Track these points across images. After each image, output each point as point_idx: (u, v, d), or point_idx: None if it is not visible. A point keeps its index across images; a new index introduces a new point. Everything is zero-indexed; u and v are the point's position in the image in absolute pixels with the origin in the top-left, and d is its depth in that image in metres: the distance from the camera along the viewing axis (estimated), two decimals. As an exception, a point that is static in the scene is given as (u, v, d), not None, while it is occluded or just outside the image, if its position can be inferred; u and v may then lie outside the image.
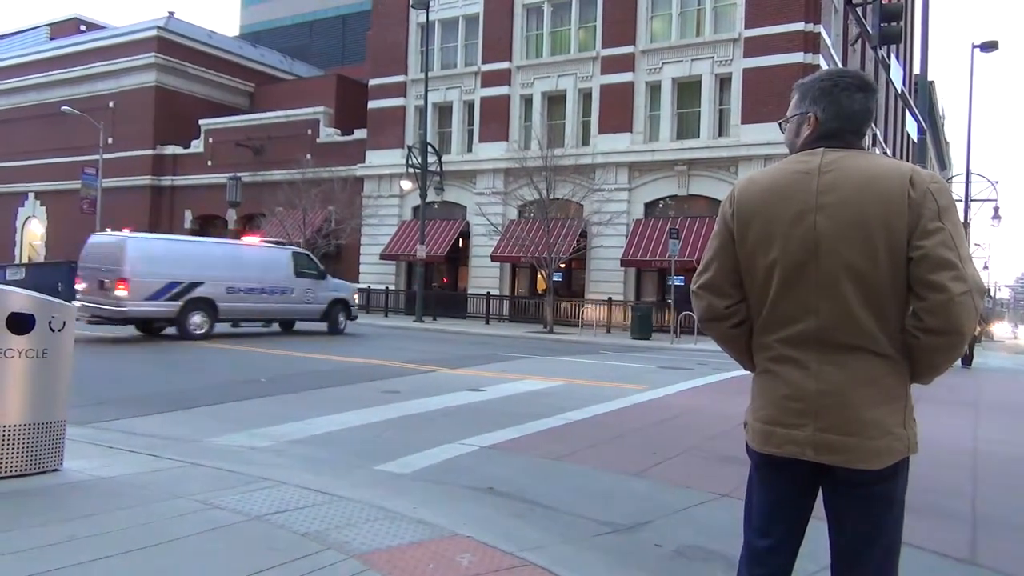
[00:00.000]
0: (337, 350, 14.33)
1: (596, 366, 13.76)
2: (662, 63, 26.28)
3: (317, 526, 3.76)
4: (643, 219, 26.09)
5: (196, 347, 14.37)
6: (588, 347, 18.62)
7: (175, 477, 4.65)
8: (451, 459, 5.79)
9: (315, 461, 5.55)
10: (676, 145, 25.72)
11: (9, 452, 4.33)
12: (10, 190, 43.50)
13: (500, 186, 28.60)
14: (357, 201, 30.87)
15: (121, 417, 6.97)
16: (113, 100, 39.43)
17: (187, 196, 38.05)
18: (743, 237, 2.06)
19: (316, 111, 34.53)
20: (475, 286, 29.11)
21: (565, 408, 8.26)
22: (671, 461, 6.16)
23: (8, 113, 44.14)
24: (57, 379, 4.53)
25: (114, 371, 10.16)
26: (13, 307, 4.33)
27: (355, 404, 8.17)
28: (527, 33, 29.39)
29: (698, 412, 8.80)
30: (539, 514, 4.50)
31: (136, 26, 41.21)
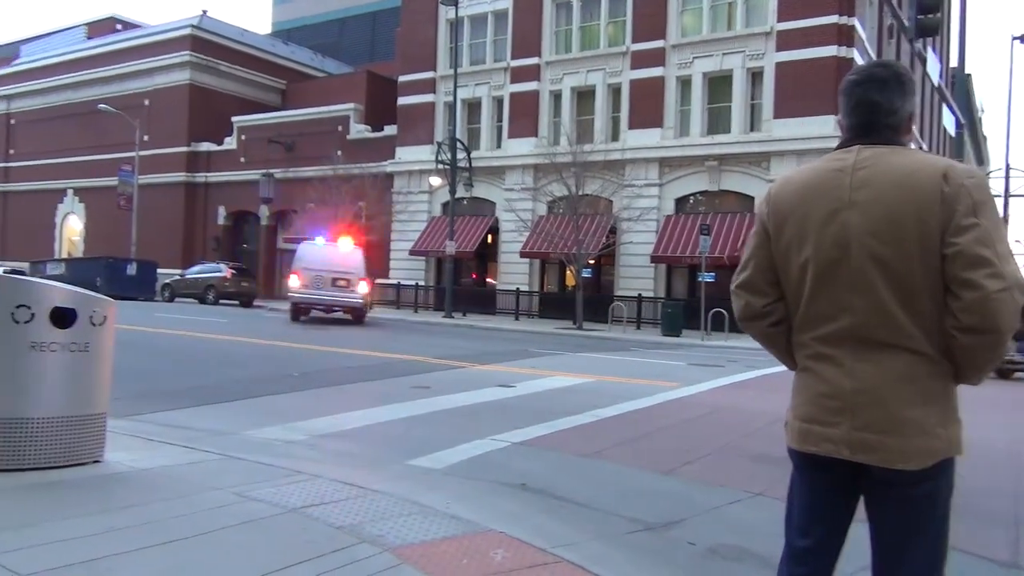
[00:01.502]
0: (367, 345, 14.43)
1: (626, 363, 13.71)
2: (693, 57, 26.04)
3: (351, 519, 3.79)
4: (673, 215, 25.91)
5: (230, 342, 14.57)
6: (618, 343, 18.55)
7: (212, 469, 4.72)
8: (483, 455, 5.80)
9: (348, 455, 5.61)
10: (707, 140, 25.49)
11: (52, 443, 4.42)
12: (50, 187, 44.47)
13: (529, 182, 28.58)
14: (387, 197, 31.07)
15: (159, 410, 7.09)
16: (148, 98, 40.10)
17: (221, 192, 38.58)
18: (778, 236, 2.05)
19: (346, 108, 34.80)
20: (504, 282, 29.14)
21: (596, 405, 8.24)
22: (703, 459, 6.12)
23: (48, 111, 45.12)
24: (98, 372, 4.61)
25: (152, 365, 10.34)
26: (55, 301, 4.42)
27: (386, 399, 8.23)
28: (556, 28, 29.30)
29: (730, 410, 8.72)
30: (571, 511, 4.50)
31: (170, 25, 41.87)
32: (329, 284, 20.61)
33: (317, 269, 20.67)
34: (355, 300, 21.10)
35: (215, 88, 39.70)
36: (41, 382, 4.37)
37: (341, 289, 20.72)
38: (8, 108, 47.44)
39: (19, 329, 4.30)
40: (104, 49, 43.14)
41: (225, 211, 38.55)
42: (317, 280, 20.56)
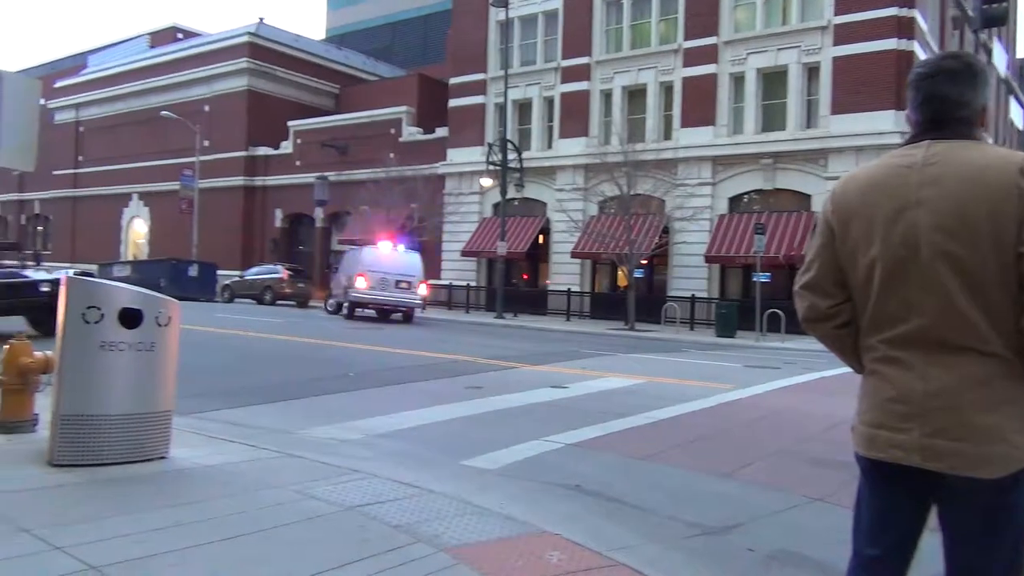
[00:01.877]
0: (420, 345, 14.56)
1: (680, 364, 13.55)
2: (747, 53, 25.60)
3: (407, 519, 3.83)
4: (727, 214, 25.51)
5: (286, 342, 14.87)
6: (671, 345, 18.34)
7: (272, 467, 4.82)
8: (537, 456, 5.80)
9: (403, 455, 5.66)
10: (761, 138, 25.03)
11: (121, 440, 4.57)
12: (116, 192, 46.08)
13: (580, 182, 28.47)
14: (439, 199, 31.31)
15: (220, 408, 7.28)
16: (208, 104, 41.23)
17: (277, 195, 39.42)
18: (843, 235, 1.99)
19: (399, 111, 35.20)
20: (555, 283, 29.09)
21: (649, 407, 8.16)
22: (761, 463, 6.00)
23: (114, 119, 46.76)
24: (163, 371, 4.76)
25: (212, 364, 10.61)
26: (123, 302, 4.57)
27: (439, 399, 8.29)
28: (607, 27, 29.13)
29: (788, 413, 8.54)
30: (626, 513, 4.46)
31: (229, 33, 43.00)
32: (393, 286, 22.35)
33: (383, 272, 22.25)
34: (416, 301, 23.07)
35: (272, 93, 40.59)
36: (110, 381, 4.53)
37: (403, 291, 22.50)
38: (77, 116, 49.30)
39: (90, 329, 4.46)
40: (166, 58, 44.51)
41: (282, 214, 39.37)
42: (383, 282, 22.17)
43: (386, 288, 22.22)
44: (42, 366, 5.33)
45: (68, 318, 4.49)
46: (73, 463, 4.46)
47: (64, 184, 49.47)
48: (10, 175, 48.85)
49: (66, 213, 49.82)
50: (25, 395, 5.46)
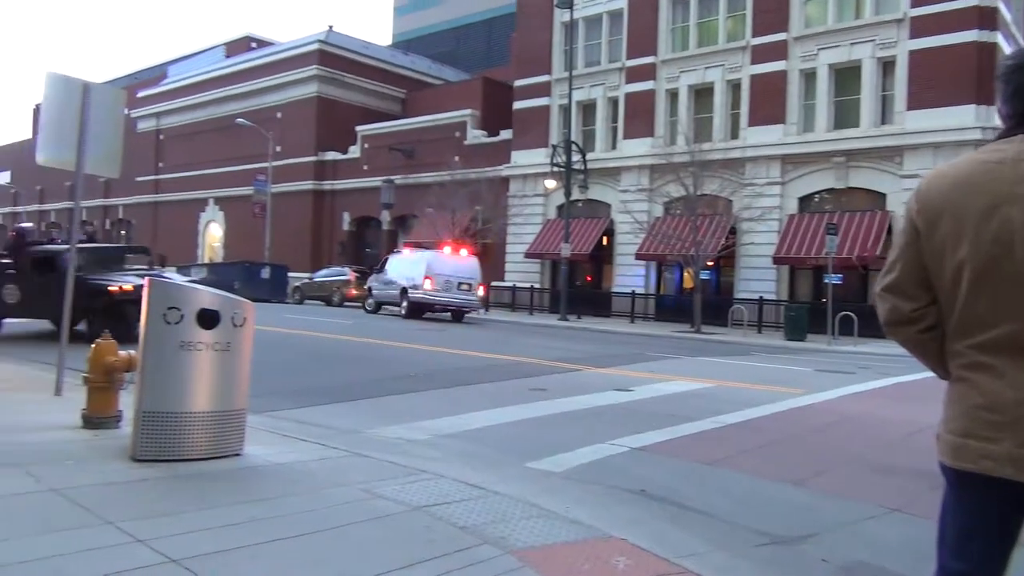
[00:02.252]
0: (484, 347, 14.65)
1: (748, 368, 13.26)
2: (818, 49, 24.93)
3: (474, 520, 3.85)
4: (797, 214, 24.88)
5: (354, 343, 15.16)
6: (738, 348, 17.98)
7: (341, 466, 4.92)
8: (602, 459, 5.76)
9: (468, 456, 5.70)
10: (833, 135, 24.32)
11: (198, 437, 4.74)
12: (193, 197, 47.86)
13: (645, 183, 28.19)
14: (503, 201, 31.46)
15: (291, 407, 7.46)
16: (280, 111, 42.43)
17: (345, 199, 40.27)
18: (929, 235, 1.90)
19: (463, 114, 35.52)
20: (620, 284, 28.87)
21: (717, 411, 8.01)
22: (834, 471, 5.82)
23: (192, 127, 48.60)
24: (238, 370, 4.91)
25: (283, 364, 10.90)
26: (202, 304, 4.74)
27: (504, 401, 8.32)
28: (673, 26, 28.78)
29: (863, 419, 8.26)
30: (694, 520, 4.39)
31: (300, 41, 44.16)
32: (455, 288, 23.94)
33: (448, 275, 23.73)
34: (475, 302, 24.93)
35: (340, 99, 41.49)
36: (189, 379, 4.70)
37: (464, 292, 24.12)
38: (158, 125, 51.38)
39: (170, 329, 4.64)
40: (240, 67, 46.01)
41: (349, 217, 40.19)
42: (447, 284, 23.72)
43: (449, 290, 23.66)
44: (125, 364, 5.57)
45: (150, 319, 4.68)
46: (154, 458, 4.64)
47: (146, 190, 51.61)
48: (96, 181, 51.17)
49: (148, 217, 51.96)
50: (110, 392, 5.72)
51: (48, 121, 7.07)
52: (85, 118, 7.03)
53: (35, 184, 61.51)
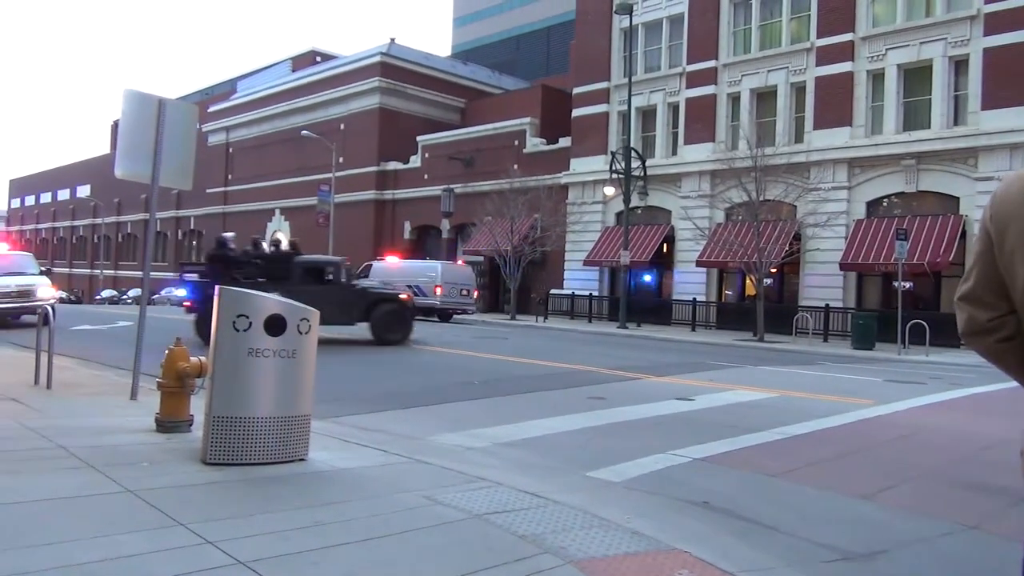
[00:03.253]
0: (542, 355, 14.63)
1: (813, 377, 12.92)
2: (886, 49, 24.19)
3: (533, 529, 3.85)
4: (864, 219, 24.14)
5: (413, 351, 15.34)
6: (803, 357, 17.53)
7: (402, 472, 4.98)
8: (663, 470, 5.68)
9: (527, 464, 5.70)
10: (903, 137, 23.53)
11: (265, 441, 4.87)
12: (260, 207, 49.24)
13: (706, 189, 27.78)
14: (562, 208, 31.41)
15: (353, 413, 7.60)
16: (344, 123, 43.34)
17: (406, 208, 40.82)
18: (1000, 243, 1.82)
19: (522, 122, 35.64)
20: (680, 292, 28.49)
21: (781, 422, 7.82)
22: (906, 485, 5.62)
23: (259, 139, 50.05)
24: (303, 377, 5.03)
25: (344, 371, 11.10)
26: (269, 311, 4.87)
27: (563, 409, 8.29)
28: (734, 29, 28.34)
29: (936, 431, 7.96)
30: (759, 534, 4.29)
31: (362, 54, 45.06)
32: (458, 294, 27.62)
33: (452, 282, 27.46)
34: (472, 305, 28.65)
35: (401, 110, 42.14)
36: (257, 385, 4.83)
37: (464, 297, 27.98)
38: (227, 138, 53.07)
39: (239, 336, 4.78)
40: (305, 80, 47.19)
41: (410, 225, 40.71)
42: (453, 290, 27.43)
43: (454, 295, 27.47)
44: (197, 370, 5.76)
45: (220, 326, 4.83)
46: (224, 462, 4.79)
47: (216, 201, 53.31)
48: (169, 193, 53.12)
49: (217, 228, 53.56)
50: (182, 397, 5.92)
51: (125, 136, 7.38)
52: (160, 133, 7.31)
53: (113, 197, 64.27)
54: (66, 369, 9.63)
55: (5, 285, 18.08)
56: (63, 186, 76.84)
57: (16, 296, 18.00)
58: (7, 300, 17.87)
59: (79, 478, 4.40)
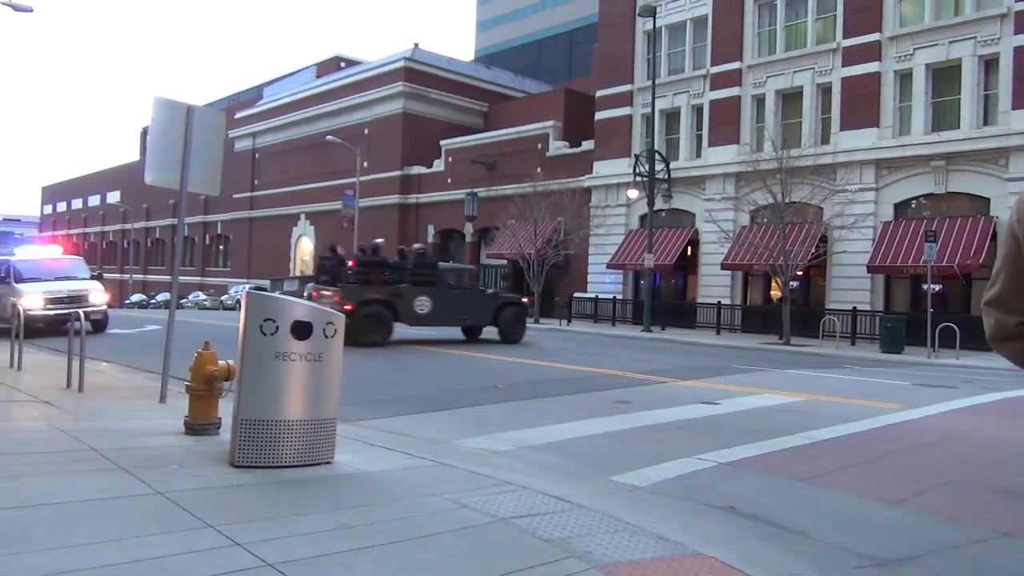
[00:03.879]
0: (565, 359, 14.61)
1: (841, 381, 12.76)
2: (913, 49, 23.86)
3: (559, 533, 3.85)
4: (892, 221, 23.81)
5: (436, 353, 15.38)
6: (830, 360, 17.33)
7: (428, 475, 5.00)
8: (688, 474, 5.65)
9: (552, 468, 5.69)
10: (931, 138, 23.19)
11: (292, 444, 4.91)
12: (286, 212, 49.71)
13: (731, 191, 27.58)
14: (585, 211, 31.35)
15: (378, 416, 7.64)
16: (368, 127, 43.64)
17: (430, 212, 40.98)
18: None
19: (545, 126, 35.65)
20: (704, 295, 28.30)
21: (809, 426, 7.74)
22: (937, 490, 5.53)
23: (285, 145, 50.56)
24: (329, 380, 5.07)
25: (369, 374, 11.17)
26: (295, 316, 4.92)
27: (587, 413, 8.27)
28: (759, 30, 28.12)
29: (967, 436, 7.83)
30: (787, 539, 4.25)
31: (386, 59, 45.37)
32: None
33: None
34: None
35: (425, 115, 42.33)
36: (284, 389, 4.88)
37: None
38: (254, 144, 53.66)
39: (266, 340, 4.83)
40: (330, 86, 47.59)
41: (434, 229, 40.85)
42: None
43: None
44: (225, 374, 5.83)
45: (247, 330, 4.88)
46: (252, 464, 4.84)
47: (242, 206, 53.91)
48: (197, 199, 53.80)
49: (243, 233, 54.24)
50: (210, 400, 5.99)
51: (155, 142, 7.50)
52: (189, 139, 7.42)
53: (142, 202, 65.24)
54: (97, 372, 9.79)
55: (56, 290, 17.60)
56: (94, 192, 78.18)
57: (68, 301, 17.27)
58: (59, 306, 17.14)
59: (111, 480, 4.47)
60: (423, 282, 16.92)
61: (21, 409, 7.15)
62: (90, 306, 17.31)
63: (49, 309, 16.95)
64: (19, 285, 17.28)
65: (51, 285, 17.67)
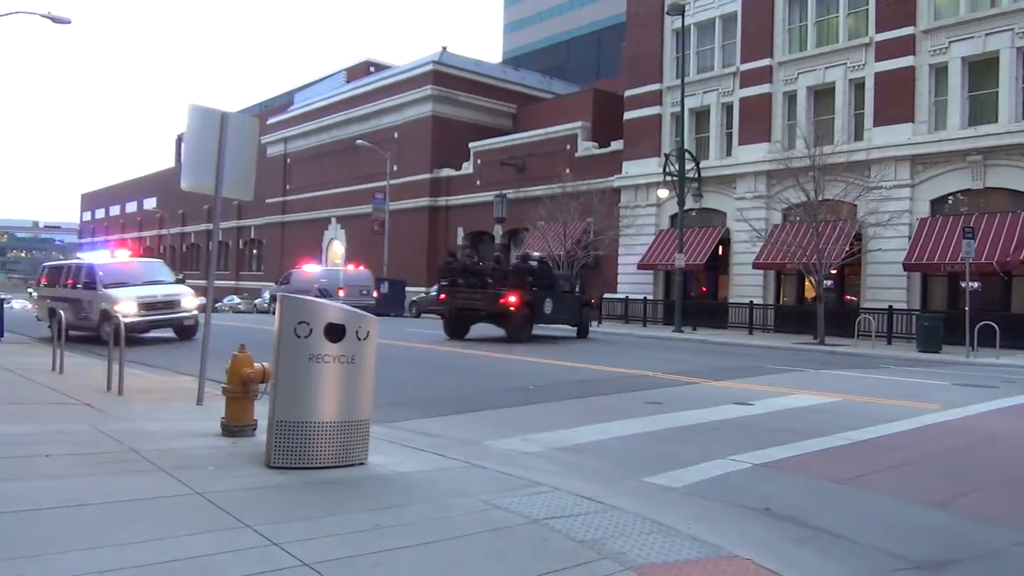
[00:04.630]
0: (596, 360, 14.56)
1: (877, 381, 12.55)
2: (948, 42, 23.41)
3: (592, 534, 3.84)
4: (929, 218, 23.38)
5: (468, 355, 15.43)
6: (866, 360, 17.06)
7: (460, 476, 5.02)
8: (722, 475, 5.60)
9: (585, 469, 5.68)
10: (968, 132, 22.72)
11: (326, 446, 4.96)
12: (318, 216, 50.26)
13: (762, 189, 27.28)
14: (614, 212, 31.24)
15: (411, 417, 7.68)
16: (397, 131, 43.95)
17: (459, 214, 41.13)
18: None
19: (574, 126, 35.59)
20: (736, 295, 28.02)
21: (845, 427, 7.63)
22: (979, 492, 5.42)
23: (316, 149, 51.11)
24: (363, 382, 5.11)
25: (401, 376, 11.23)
26: (329, 318, 4.97)
27: (619, 414, 8.24)
28: (789, 26, 27.80)
29: (1009, 437, 7.66)
30: (824, 542, 4.19)
31: (415, 63, 45.66)
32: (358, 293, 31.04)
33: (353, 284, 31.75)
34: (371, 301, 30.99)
35: (454, 117, 42.51)
36: (318, 390, 4.93)
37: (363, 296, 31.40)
38: (285, 149, 54.32)
39: (300, 343, 4.89)
40: (360, 91, 48.02)
41: (463, 231, 40.99)
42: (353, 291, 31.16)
43: (354, 295, 30.23)
44: (260, 376, 5.91)
45: (282, 332, 4.94)
46: (287, 465, 4.90)
47: (274, 211, 54.60)
48: (230, 204, 54.61)
49: (276, 237, 54.91)
50: (246, 402, 6.07)
51: (190, 149, 7.63)
52: (223, 145, 7.54)
53: (178, 208, 66.40)
54: (136, 375, 9.98)
55: (150, 295, 16.19)
56: (131, 199, 79.77)
57: (161, 307, 16.27)
58: (153, 312, 16.02)
59: (150, 481, 4.56)
60: (546, 286, 19.74)
61: (64, 411, 7.32)
62: (182, 311, 16.61)
63: (143, 315, 15.81)
64: (108, 290, 16.17)
65: (142, 290, 16.36)
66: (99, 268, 17.21)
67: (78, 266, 18.04)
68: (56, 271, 19.39)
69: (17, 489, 4.22)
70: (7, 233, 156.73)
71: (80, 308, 16.66)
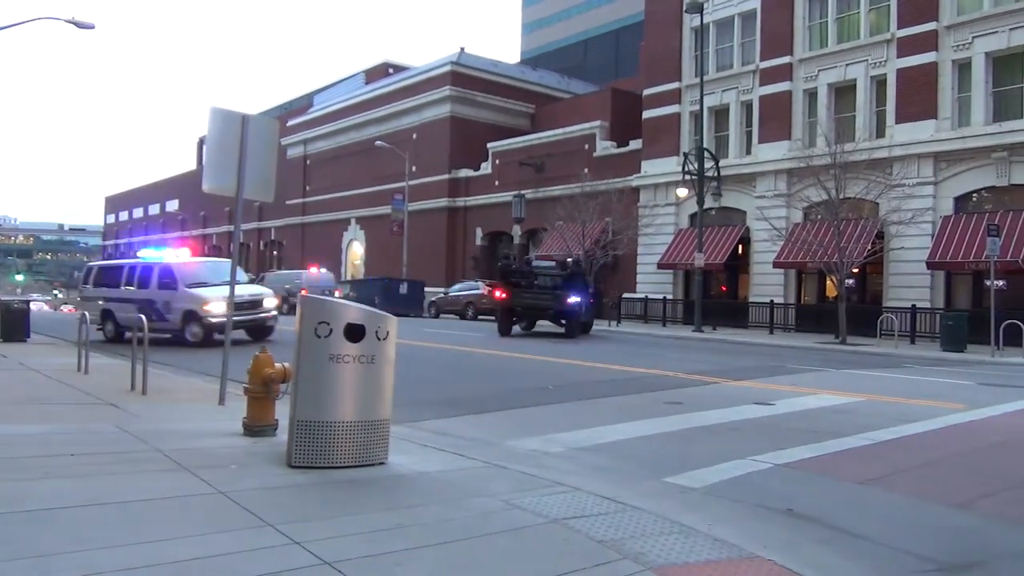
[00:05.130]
0: (616, 360, 14.52)
1: (900, 381, 12.41)
2: (972, 37, 23.10)
3: (612, 534, 3.83)
4: (952, 215, 23.08)
5: (487, 355, 15.44)
6: (888, 359, 16.86)
7: (480, 476, 5.03)
8: (743, 476, 5.57)
9: (604, 469, 5.67)
10: (993, 129, 22.41)
11: (346, 445, 4.99)
12: (337, 217, 50.55)
13: (783, 188, 27.06)
14: (633, 211, 31.12)
15: (431, 417, 7.70)
16: (416, 132, 44.09)
17: (477, 215, 41.18)
18: None
19: (592, 126, 35.52)
20: (757, 294, 27.82)
21: (867, 427, 7.55)
22: (1005, 493, 5.35)
23: (335, 151, 51.40)
24: (382, 382, 5.13)
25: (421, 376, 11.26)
26: (348, 319, 4.99)
27: (639, 414, 8.21)
28: (809, 23, 27.55)
29: (1037, 438, 7.54)
30: (847, 543, 4.15)
31: (433, 64, 45.78)
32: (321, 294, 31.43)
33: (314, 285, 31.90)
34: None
35: (472, 118, 42.58)
36: (338, 390, 4.96)
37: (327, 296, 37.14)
38: (305, 151, 54.68)
39: (321, 343, 4.92)
40: (378, 92, 48.24)
41: (482, 232, 41.04)
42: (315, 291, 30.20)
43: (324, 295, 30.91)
44: (281, 376, 5.95)
45: (302, 333, 4.98)
46: (308, 465, 4.93)
47: (295, 212, 54.95)
48: (252, 206, 55.02)
49: (296, 238, 55.28)
50: (267, 402, 6.12)
51: (211, 151, 7.70)
52: (244, 147, 7.60)
53: (199, 210, 67.02)
54: (159, 376, 10.09)
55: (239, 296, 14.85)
56: (153, 201, 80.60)
57: (248, 308, 16.02)
58: (240, 312, 15.32)
59: (173, 479, 4.62)
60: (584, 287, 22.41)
61: (89, 411, 7.42)
62: (264, 311, 16.51)
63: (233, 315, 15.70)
64: (193, 290, 16.01)
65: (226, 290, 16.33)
66: (175, 268, 16.86)
67: (146, 266, 17.38)
68: (112, 271, 18.57)
69: (43, 488, 4.29)
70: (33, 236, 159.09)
71: (152, 309, 15.90)
